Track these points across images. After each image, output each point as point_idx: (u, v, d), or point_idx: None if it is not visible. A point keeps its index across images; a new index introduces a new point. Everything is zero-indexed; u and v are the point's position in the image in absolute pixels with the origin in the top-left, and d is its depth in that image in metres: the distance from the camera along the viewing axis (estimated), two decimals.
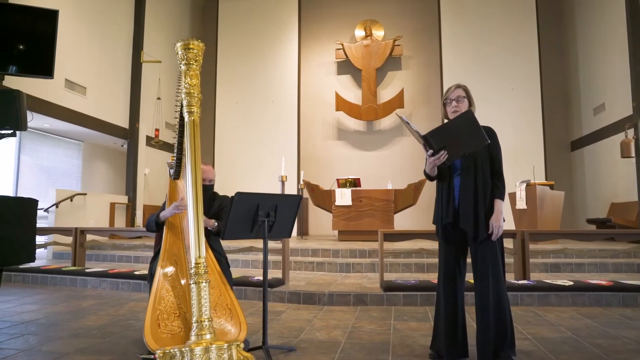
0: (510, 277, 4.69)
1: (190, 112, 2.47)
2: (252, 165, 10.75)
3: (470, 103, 2.53)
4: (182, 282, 2.43)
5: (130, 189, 9.32)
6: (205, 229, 2.78)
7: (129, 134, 9.41)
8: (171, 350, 2.01)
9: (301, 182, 8.85)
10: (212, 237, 2.91)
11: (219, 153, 11.07)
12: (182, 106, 2.54)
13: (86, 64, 8.25)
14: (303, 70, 11.45)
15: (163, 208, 2.85)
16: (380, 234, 4.48)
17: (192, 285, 2.19)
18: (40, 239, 6.49)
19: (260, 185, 10.20)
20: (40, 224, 7.56)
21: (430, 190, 8.20)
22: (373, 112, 10.93)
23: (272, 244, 6.01)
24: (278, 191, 8.30)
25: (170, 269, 2.45)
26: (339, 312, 3.83)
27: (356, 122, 11.42)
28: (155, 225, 2.75)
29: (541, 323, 3.40)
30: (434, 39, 10.95)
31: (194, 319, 2.13)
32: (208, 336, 2.11)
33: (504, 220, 2.47)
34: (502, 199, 2.44)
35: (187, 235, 2.58)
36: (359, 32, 11.40)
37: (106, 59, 8.82)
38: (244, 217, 2.59)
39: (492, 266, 2.37)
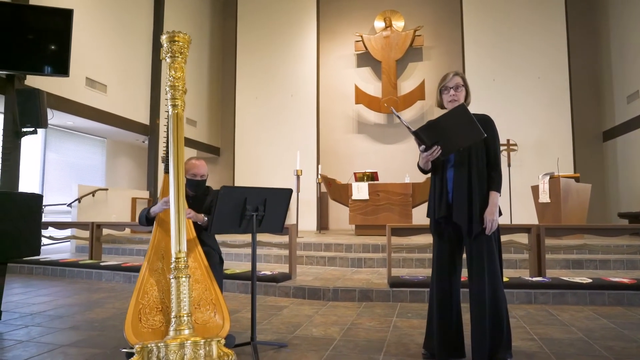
0: (525, 274, 4.50)
1: (174, 105, 2.45)
2: (272, 160, 10.76)
3: (467, 93, 2.40)
4: (168, 277, 2.42)
5: (152, 184, 9.50)
6: (196, 223, 2.77)
7: (150, 130, 9.57)
8: (149, 345, 2.00)
9: (318, 176, 8.78)
10: (205, 232, 2.88)
11: (239, 147, 11.13)
12: (168, 99, 2.51)
13: (106, 61, 8.42)
14: (322, 64, 11.35)
15: (156, 203, 2.84)
16: (388, 229, 4.37)
17: (172, 280, 2.17)
18: (62, 233, 6.70)
19: (280, 180, 10.22)
20: (63, 218, 7.83)
21: None
22: (393, 105, 10.71)
23: (279, 238, 5.97)
24: (294, 185, 8.25)
25: (156, 264, 2.44)
26: (342, 308, 3.75)
27: (376, 114, 11.24)
28: (146, 220, 2.74)
29: (552, 323, 3.22)
30: (455, 28, 10.60)
31: (173, 314, 2.11)
32: (187, 331, 2.08)
33: (501, 214, 2.33)
34: (499, 191, 2.31)
35: None
36: (379, 23, 11.17)
37: (126, 56, 8.98)
38: (232, 211, 2.55)
39: (488, 263, 2.25)
